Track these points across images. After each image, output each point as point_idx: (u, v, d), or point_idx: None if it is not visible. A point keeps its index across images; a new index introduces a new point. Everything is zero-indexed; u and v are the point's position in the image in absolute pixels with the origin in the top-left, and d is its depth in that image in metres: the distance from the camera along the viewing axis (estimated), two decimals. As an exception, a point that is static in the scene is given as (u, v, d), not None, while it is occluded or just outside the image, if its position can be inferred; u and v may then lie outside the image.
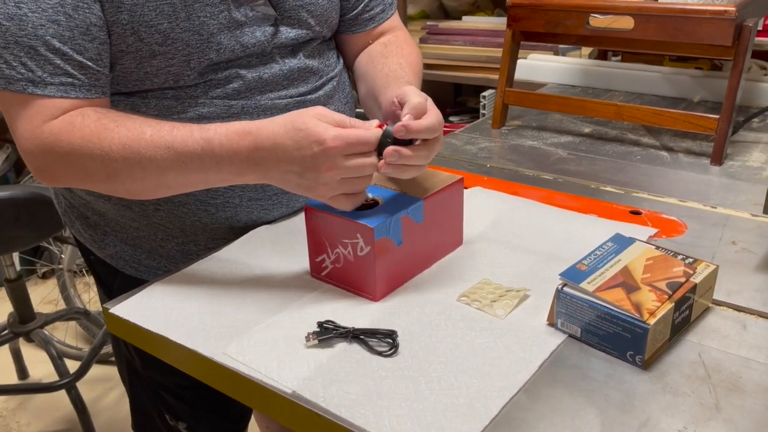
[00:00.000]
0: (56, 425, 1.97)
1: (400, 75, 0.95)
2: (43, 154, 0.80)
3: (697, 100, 1.46)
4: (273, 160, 0.74)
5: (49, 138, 0.79)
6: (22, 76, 0.77)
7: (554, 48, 1.95)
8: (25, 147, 0.81)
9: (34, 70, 0.77)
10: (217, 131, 0.76)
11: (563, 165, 1.19)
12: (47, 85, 0.78)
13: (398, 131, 0.72)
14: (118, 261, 1.00)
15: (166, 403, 1.06)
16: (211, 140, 0.76)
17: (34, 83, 0.77)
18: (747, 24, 1.10)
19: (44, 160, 0.81)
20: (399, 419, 0.61)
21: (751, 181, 1.10)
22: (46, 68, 0.77)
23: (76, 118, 0.79)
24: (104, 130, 0.78)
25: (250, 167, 0.76)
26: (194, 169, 0.78)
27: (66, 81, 0.78)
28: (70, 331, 2.32)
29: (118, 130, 0.78)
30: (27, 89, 0.77)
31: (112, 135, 0.77)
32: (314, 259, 0.83)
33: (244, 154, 0.75)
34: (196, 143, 0.76)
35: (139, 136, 0.77)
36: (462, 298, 0.78)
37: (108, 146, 0.77)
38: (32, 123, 0.79)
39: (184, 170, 0.78)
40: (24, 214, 1.59)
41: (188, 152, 0.76)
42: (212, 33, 0.84)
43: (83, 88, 0.80)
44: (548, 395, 0.64)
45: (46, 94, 0.78)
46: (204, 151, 0.76)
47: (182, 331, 0.75)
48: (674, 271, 0.72)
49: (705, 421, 0.60)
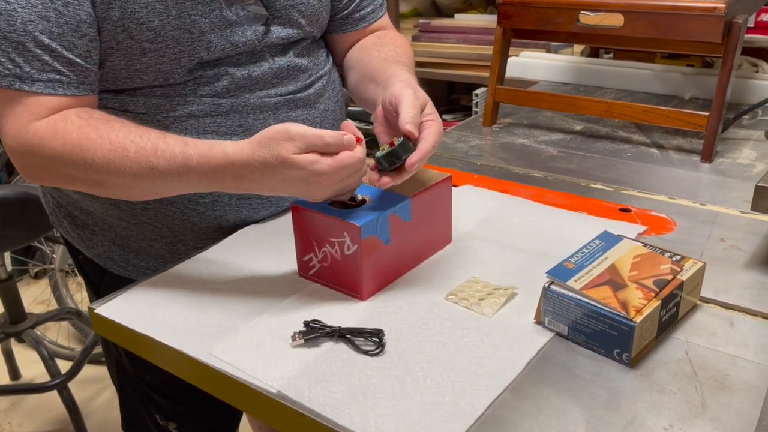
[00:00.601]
0: (48, 426, 1.96)
1: (399, 60, 0.95)
2: (27, 155, 0.80)
3: (688, 98, 1.46)
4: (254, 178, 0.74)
5: (33, 140, 0.78)
6: (10, 72, 0.76)
7: (546, 45, 1.95)
8: (10, 145, 0.80)
9: (22, 66, 0.76)
10: (200, 162, 0.75)
11: (554, 163, 1.19)
12: (35, 81, 0.77)
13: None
14: (106, 261, 1.00)
15: (155, 403, 1.06)
16: (193, 170, 0.75)
17: (21, 79, 0.77)
18: (737, 21, 1.09)
19: (29, 160, 0.81)
20: (384, 419, 0.61)
21: (740, 178, 1.09)
22: (34, 64, 0.76)
23: (59, 124, 0.78)
24: (87, 141, 0.77)
25: (236, 186, 0.76)
26: (180, 188, 0.79)
27: (54, 78, 0.78)
28: (62, 331, 2.31)
29: (101, 143, 0.77)
30: (14, 85, 0.77)
31: (95, 148, 0.77)
32: (302, 258, 0.83)
33: (230, 183, 0.75)
34: (177, 170, 0.76)
35: (123, 154, 0.77)
36: (450, 297, 0.78)
37: (91, 159, 0.77)
38: (18, 121, 0.78)
39: (172, 188, 0.79)
40: (14, 214, 1.58)
41: (170, 176, 0.77)
42: (203, 31, 0.84)
43: (71, 86, 0.79)
44: (534, 394, 0.64)
45: (34, 90, 0.77)
46: (189, 176, 0.76)
47: (168, 331, 0.75)
48: (661, 269, 0.72)
49: (690, 419, 0.60)
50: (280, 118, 0.93)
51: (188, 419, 1.06)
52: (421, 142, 0.75)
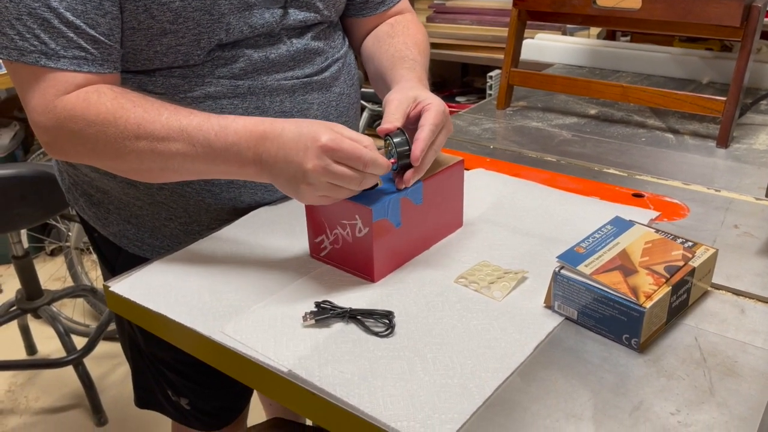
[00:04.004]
0: (64, 400, 2.00)
1: (405, 55, 0.96)
2: (55, 128, 0.80)
3: (705, 82, 1.44)
4: (274, 148, 0.75)
5: (63, 113, 0.79)
6: (35, 48, 0.77)
7: (562, 28, 1.93)
8: (37, 120, 0.80)
9: (48, 43, 0.77)
10: (236, 119, 0.77)
11: (567, 147, 1.18)
12: (60, 58, 0.77)
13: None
14: (121, 239, 1.01)
15: (168, 380, 1.07)
16: (227, 126, 0.77)
17: (47, 56, 0.77)
18: (756, 5, 1.08)
19: (56, 134, 0.81)
20: (393, 399, 0.62)
21: (756, 164, 1.08)
22: (59, 41, 0.77)
23: (92, 95, 0.79)
24: (120, 109, 0.78)
25: (254, 155, 0.76)
26: (202, 155, 0.78)
27: (79, 55, 0.78)
28: (77, 308, 2.35)
29: (135, 110, 0.78)
30: (40, 61, 0.77)
31: (128, 114, 0.78)
32: (313, 239, 0.83)
33: (253, 141, 0.76)
34: (211, 127, 0.77)
35: (155, 117, 0.78)
36: (460, 280, 0.78)
37: (123, 124, 0.78)
38: (45, 97, 0.79)
39: (193, 156, 0.78)
40: (30, 191, 1.60)
41: (201, 136, 0.77)
42: (223, 13, 0.84)
43: (96, 63, 0.80)
44: (543, 377, 0.64)
45: (59, 67, 0.78)
46: (217, 136, 0.77)
47: (181, 310, 0.76)
48: (673, 255, 0.72)
49: (698, 405, 0.60)
50: (297, 101, 0.93)
51: (200, 396, 1.08)
52: (419, 131, 0.77)
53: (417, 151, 0.76)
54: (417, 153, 0.76)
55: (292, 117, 0.92)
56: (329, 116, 0.97)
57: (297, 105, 0.93)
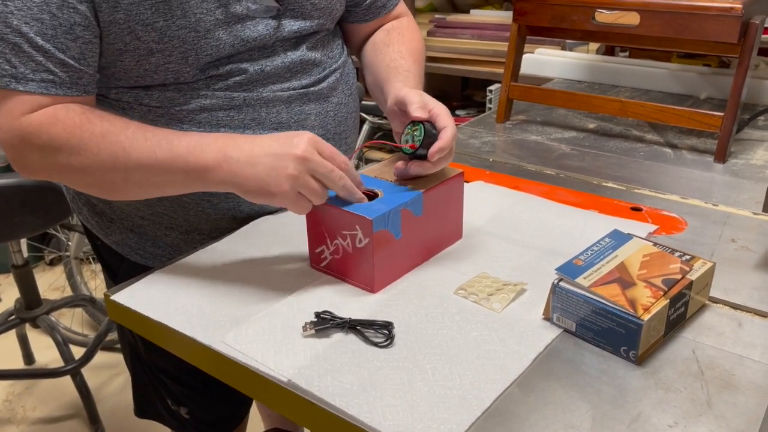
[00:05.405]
0: (61, 410, 2.00)
1: (400, 65, 0.97)
2: (19, 144, 0.81)
3: (703, 97, 1.45)
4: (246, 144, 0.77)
5: (28, 129, 0.80)
6: (6, 72, 0.78)
7: (562, 43, 1.94)
8: (2, 138, 0.82)
9: (17, 67, 0.78)
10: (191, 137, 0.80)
11: (566, 160, 1.19)
12: (29, 81, 0.78)
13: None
14: (123, 248, 1.01)
15: (168, 389, 1.07)
16: (192, 134, 0.80)
17: (16, 79, 0.78)
18: (753, 21, 1.09)
19: (20, 149, 0.82)
20: (392, 409, 0.62)
21: (754, 179, 1.09)
22: (28, 65, 0.78)
23: (59, 111, 0.80)
24: (87, 122, 0.79)
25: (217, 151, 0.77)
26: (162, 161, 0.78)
27: (47, 78, 0.79)
28: (76, 317, 2.35)
29: (101, 123, 0.80)
30: (10, 85, 0.78)
31: (94, 126, 0.79)
32: (314, 249, 0.84)
33: (219, 137, 0.78)
34: (175, 135, 0.79)
35: (121, 129, 0.80)
36: (459, 291, 0.79)
37: (88, 136, 0.79)
38: (11, 115, 0.80)
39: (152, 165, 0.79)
40: (31, 201, 1.60)
41: (165, 141, 0.79)
42: (209, 29, 0.84)
43: (63, 86, 0.80)
44: (541, 389, 0.65)
45: (27, 90, 0.79)
46: (180, 139, 0.79)
47: (181, 319, 0.76)
48: (671, 268, 0.73)
49: (696, 417, 0.61)
50: (294, 112, 0.94)
51: (199, 405, 1.08)
52: (443, 131, 0.81)
53: (437, 146, 0.80)
54: (435, 150, 0.80)
55: (288, 128, 0.93)
56: (327, 126, 0.98)
57: (294, 116, 0.94)
